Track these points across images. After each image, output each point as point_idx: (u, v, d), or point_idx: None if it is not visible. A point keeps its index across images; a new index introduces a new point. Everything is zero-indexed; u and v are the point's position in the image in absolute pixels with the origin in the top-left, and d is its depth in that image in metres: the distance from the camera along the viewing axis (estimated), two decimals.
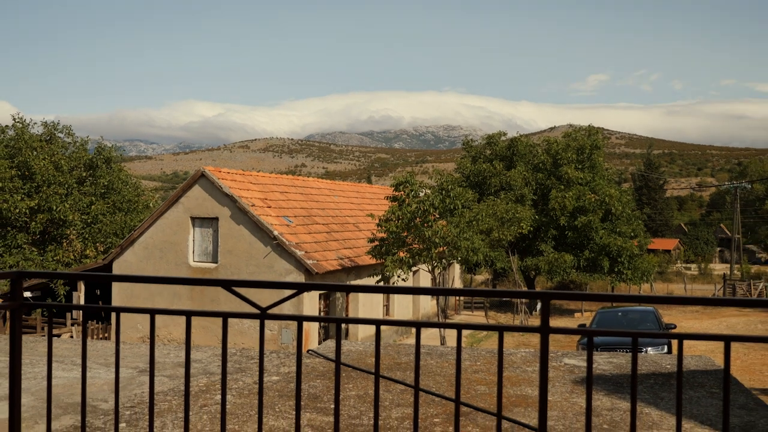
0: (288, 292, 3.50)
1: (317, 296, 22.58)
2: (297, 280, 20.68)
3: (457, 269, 35.82)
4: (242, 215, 22.25)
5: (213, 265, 22.65)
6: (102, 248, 31.01)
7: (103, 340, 7.99)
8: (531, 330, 2.35)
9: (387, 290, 2.57)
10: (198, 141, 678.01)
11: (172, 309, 2.73)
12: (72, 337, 23.78)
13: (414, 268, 25.61)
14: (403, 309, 29.39)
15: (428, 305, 31.87)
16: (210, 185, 22.67)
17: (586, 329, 2.35)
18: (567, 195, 36.64)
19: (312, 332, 22.08)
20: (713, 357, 6.37)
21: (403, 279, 24.00)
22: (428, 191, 24.21)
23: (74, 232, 30.73)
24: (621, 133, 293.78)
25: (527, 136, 45.30)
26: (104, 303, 28.05)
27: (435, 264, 23.59)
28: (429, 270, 24.12)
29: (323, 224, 25.71)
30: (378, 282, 23.35)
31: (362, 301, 25.25)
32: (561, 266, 36.23)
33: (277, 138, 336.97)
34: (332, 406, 4.55)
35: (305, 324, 20.68)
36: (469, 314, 37.53)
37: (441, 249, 23.11)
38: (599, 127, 45.11)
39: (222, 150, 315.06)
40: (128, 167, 40.65)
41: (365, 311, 25.34)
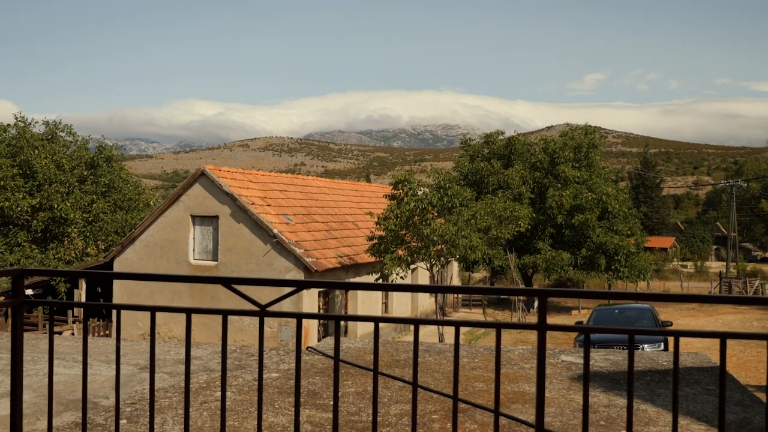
0: (287, 290, 3.53)
1: (316, 294, 22.61)
2: (296, 278, 20.69)
3: (455, 267, 35.84)
4: (242, 213, 22.27)
5: (213, 263, 22.68)
6: (103, 246, 31.06)
7: (104, 338, 8.01)
8: (528, 327, 2.37)
9: (386, 288, 2.60)
10: (198, 140, 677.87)
11: (173, 306, 2.75)
12: (73, 335, 23.77)
13: (412, 266, 25.64)
14: (402, 306, 29.43)
15: (427, 303, 31.90)
16: (210, 184, 22.69)
17: (583, 326, 2.38)
18: (564, 193, 36.65)
19: (311, 329, 22.11)
20: (709, 354, 6.40)
21: (402, 277, 24.03)
22: (426, 190, 24.23)
23: (75, 231, 30.77)
24: (618, 132, 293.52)
25: (525, 135, 45.25)
26: (105, 301, 28.06)
27: (433, 262, 23.61)
28: (427, 268, 24.15)
29: (322, 222, 25.74)
30: (377, 280, 23.38)
31: (361, 299, 25.28)
32: (558, 264, 36.25)
33: (277, 137, 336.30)
34: (331, 403, 4.57)
35: (305, 321, 20.71)
36: (467, 312, 37.58)
37: (439, 247, 23.13)
38: (596, 126, 45.13)
39: (222, 149, 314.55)
40: (129, 166, 40.68)
41: (364, 309, 25.37)
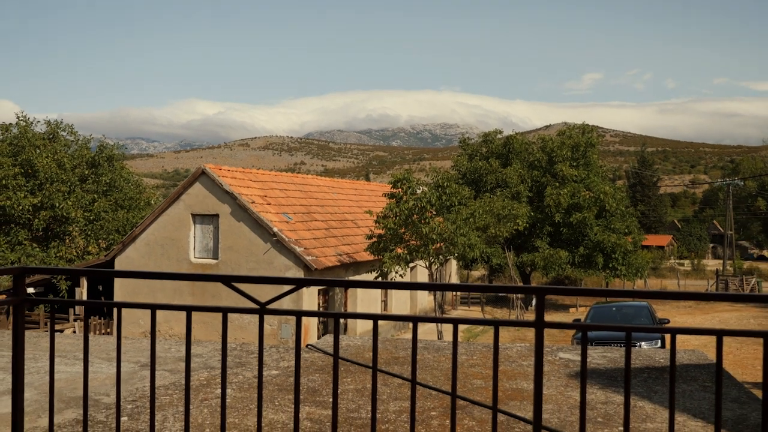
0: (287, 288, 3.54)
1: (316, 292, 22.62)
2: (296, 276, 20.69)
3: (454, 265, 35.87)
4: (242, 212, 22.28)
5: (213, 261, 22.70)
6: (104, 245, 31.12)
7: (105, 336, 8.03)
8: (526, 325, 2.38)
9: (385, 286, 2.62)
10: (199, 139, 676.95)
11: (173, 304, 2.77)
12: (74, 333, 23.76)
13: (411, 264, 25.66)
14: (401, 304, 29.45)
15: (425, 300, 31.93)
16: (210, 183, 22.69)
17: (581, 324, 2.39)
18: (562, 192, 36.69)
19: (311, 327, 22.14)
20: (706, 351, 6.41)
21: (401, 275, 24.06)
22: (425, 188, 24.25)
23: (77, 229, 30.82)
24: (615, 131, 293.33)
25: (523, 134, 45.30)
26: (106, 299, 28.06)
27: (432, 260, 23.63)
28: (426, 266, 24.17)
29: (322, 221, 25.75)
30: (376, 278, 23.41)
31: (360, 297, 25.30)
32: (556, 262, 36.30)
33: (277, 136, 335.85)
34: (331, 400, 4.59)
35: (304, 319, 20.72)
36: (466, 309, 37.62)
37: (438, 245, 23.15)
38: (594, 125, 45.15)
39: (222, 148, 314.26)
40: (130, 165, 40.63)
41: (363, 307, 25.39)
